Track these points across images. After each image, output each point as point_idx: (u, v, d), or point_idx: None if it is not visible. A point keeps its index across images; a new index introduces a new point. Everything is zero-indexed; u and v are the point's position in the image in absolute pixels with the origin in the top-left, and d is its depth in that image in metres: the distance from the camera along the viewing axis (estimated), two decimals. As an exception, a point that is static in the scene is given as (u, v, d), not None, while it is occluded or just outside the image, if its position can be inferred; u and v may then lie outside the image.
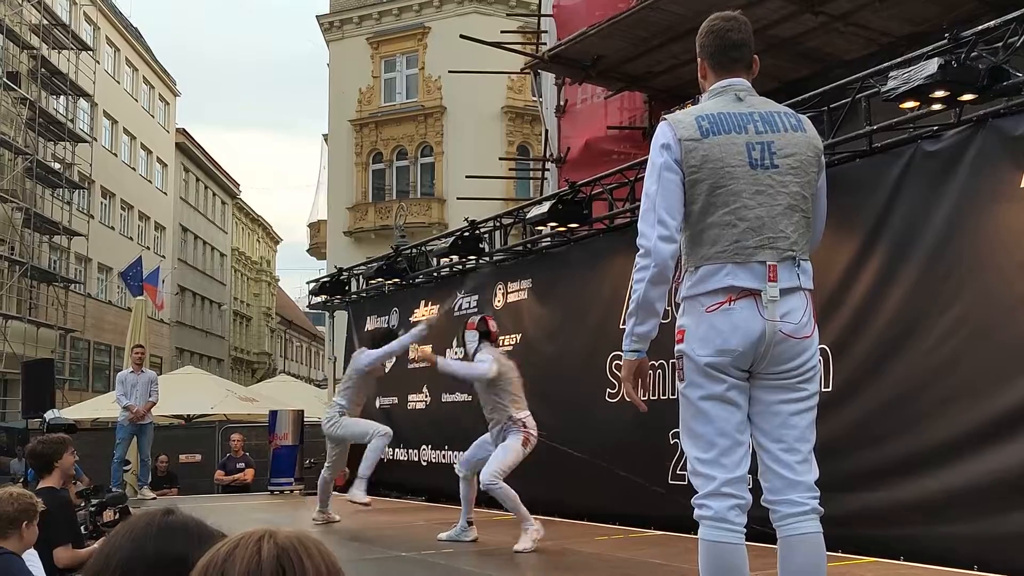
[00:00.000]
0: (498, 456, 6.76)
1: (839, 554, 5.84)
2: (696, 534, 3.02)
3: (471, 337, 7.11)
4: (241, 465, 14.38)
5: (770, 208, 3.01)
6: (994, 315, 5.39)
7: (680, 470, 7.18)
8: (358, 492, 8.14)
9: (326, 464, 8.65)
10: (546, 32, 13.98)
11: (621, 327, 8.14)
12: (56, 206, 29.08)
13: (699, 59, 3.22)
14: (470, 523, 7.22)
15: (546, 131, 14.45)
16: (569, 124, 13.58)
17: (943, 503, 5.46)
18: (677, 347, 3.08)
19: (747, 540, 3.01)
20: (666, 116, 3.16)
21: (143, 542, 1.44)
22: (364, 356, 8.54)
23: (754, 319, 2.95)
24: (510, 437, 6.79)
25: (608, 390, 8.11)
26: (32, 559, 4.24)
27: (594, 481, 8.02)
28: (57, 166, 29.37)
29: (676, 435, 7.21)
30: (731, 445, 2.98)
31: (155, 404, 11.98)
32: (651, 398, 7.62)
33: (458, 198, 21.29)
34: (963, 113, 5.77)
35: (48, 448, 5.64)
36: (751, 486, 3.06)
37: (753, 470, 3.07)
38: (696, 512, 3.02)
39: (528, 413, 6.88)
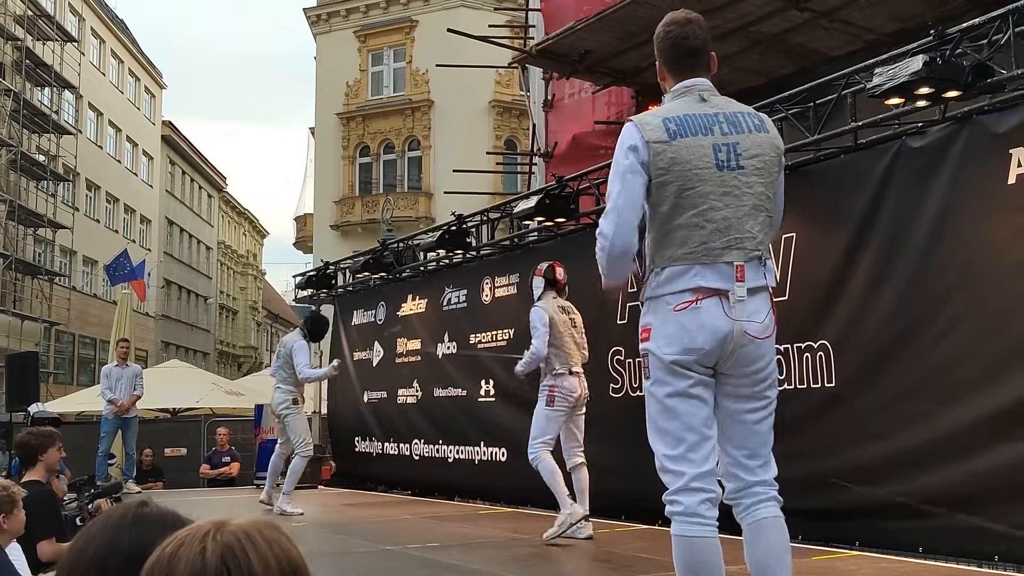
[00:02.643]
0: (534, 425, 6.73)
1: (831, 548, 5.90)
2: None
3: (537, 283, 7.10)
4: (227, 459, 14.35)
5: (736, 209, 3.03)
6: (988, 312, 5.41)
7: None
8: (288, 506, 8.94)
9: (282, 443, 9.49)
10: (534, 26, 13.98)
11: (619, 322, 8.16)
12: (41, 198, 28.91)
13: (657, 63, 3.26)
14: (586, 518, 6.68)
15: (533, 125, 14.44)
16: (556, 119, 13.58)
17: (944, 498, 5.50)
18: (642, 345, 3.10)
19: (721, 533, 3.01)
20: (632, 118, 3.17)
21: (118, 534, 1.42)
22: (302, 359, 9.32)
23: (721, 318, 2.98)
24: (539, 401, 6.79)
25: (612, 385, 8.05)
26: (15, 553, 4.22)
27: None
28: (42, 158, 29.20)
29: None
30: (699, 440, 2.99)
31: (140, 398, 11.97)
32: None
33: (445, 192, 21.27)
34: (948, 110, 5.80)
35: (35, 440, 5.61)
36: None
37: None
38: (667, 508, 3.02)
39: (567, 370, 6.71)
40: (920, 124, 6.02)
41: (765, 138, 3.11)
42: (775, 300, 3.17)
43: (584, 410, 6.85)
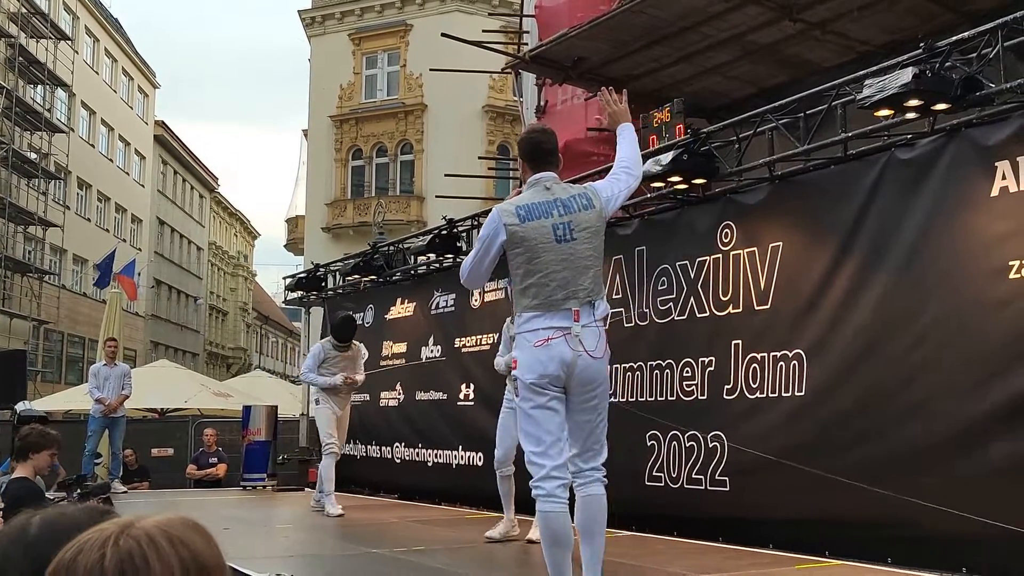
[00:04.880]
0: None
1: (812, 556, 5.90)
2: (671, 535, 3.45)
3: None
4: (214, 460, 14.31)
5: (572, 270, 4.15)
6: (966, 321, 5.45)
7: (656, 471, 7.23)
8: (330, 507, 9.00)
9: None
10: (528, 32, 14.01)
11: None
12: (32, 196, 28.81)
13: (520, 161, 4.47)
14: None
15: (526, 131, 14.42)
16: (549, 124, 13.57)
17: (921, 505, 5.52)
18: (512, 373, 4.22)
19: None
20: (496, 207, 4.38)
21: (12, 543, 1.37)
22: (305, 362, 9.49)
23: (566, 351, 4.09)
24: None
25: None
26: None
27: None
28: (33, 156, 29.10)
29: (653, 436, 7.31)
30: (555, 440, 4.12)
31: (128, 397, 11.93)
32: (629, 400, 7.68)
33: (437, 196, 21.25)
34: (937, 122, 5.83)
35: (34, 437, 5.61)
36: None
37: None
38: (534, 492, 4.11)
39: None
40: (909, 136, 6.05)
41: (592, 213, 4.26)
42: (760, 308, 3.33)
43: None
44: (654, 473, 7.21)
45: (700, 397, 7.09)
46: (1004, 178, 5.30)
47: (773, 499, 6.43)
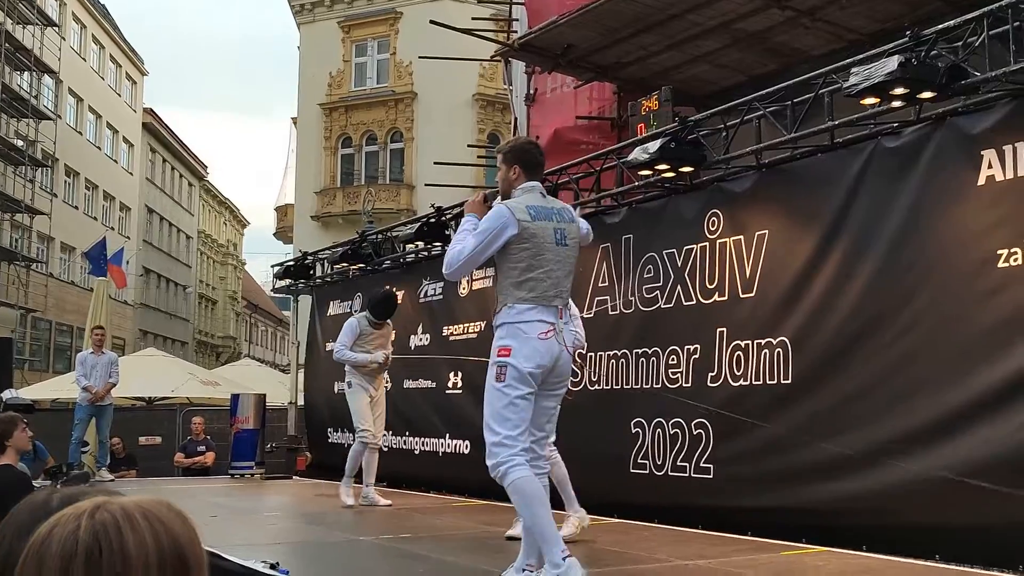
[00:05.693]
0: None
1: (794, 543, 5.93)
2: (653, 522, 3.41)
3: None
4: (202, 448, 14.29)
5: (562, 272, 4.63)
6: (951, 310, 5.47)
7: (641, 459, 7.24)
8: (343, 495, 8.72)
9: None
10: (517, 20, 13.96)
11: (584, 315, 8.18)
12: (19, 184, 28.63)
13: (513, 166, 4.78)
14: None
15: (515, 119, 14.44)
16: (539, 113, 13.58)
17: (902, 494, 5.55)
18: (502, 359, 4.49)
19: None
20: (503, 203, 4.69)
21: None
22: (340, 338, 8.87)
23: (555, 345, 4.54)
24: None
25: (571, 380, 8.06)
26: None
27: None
28: (20, 143, 28.91)
29: (638, 424, 7.32)
30: (527, 426, 4.52)
31: (115, 385, 11.91)
32: (614, 387, 7.69)
33: (427, 184, 21.23)
34: (922, 111, 5.84)
35: (1, 427, 5.58)
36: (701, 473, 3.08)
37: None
38: (504, 467, 4.40)
39: None
40: (895, 124, 6.06)
41: (575, 226, 4.80)
42: (745, 296, 3.36)
43: None
44: (639, 461, 7.23)
45: (685, 385, 7.10)
46: (990, 167, 5.31)
47: (757, 487, 6.45)
